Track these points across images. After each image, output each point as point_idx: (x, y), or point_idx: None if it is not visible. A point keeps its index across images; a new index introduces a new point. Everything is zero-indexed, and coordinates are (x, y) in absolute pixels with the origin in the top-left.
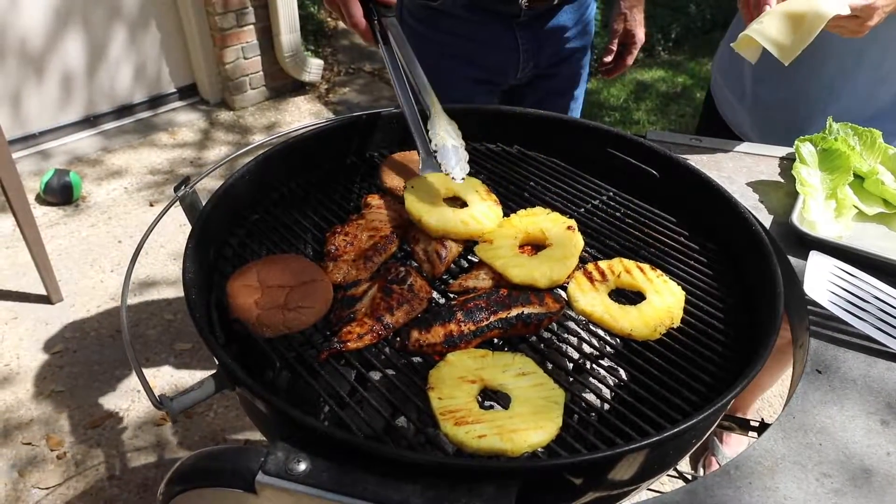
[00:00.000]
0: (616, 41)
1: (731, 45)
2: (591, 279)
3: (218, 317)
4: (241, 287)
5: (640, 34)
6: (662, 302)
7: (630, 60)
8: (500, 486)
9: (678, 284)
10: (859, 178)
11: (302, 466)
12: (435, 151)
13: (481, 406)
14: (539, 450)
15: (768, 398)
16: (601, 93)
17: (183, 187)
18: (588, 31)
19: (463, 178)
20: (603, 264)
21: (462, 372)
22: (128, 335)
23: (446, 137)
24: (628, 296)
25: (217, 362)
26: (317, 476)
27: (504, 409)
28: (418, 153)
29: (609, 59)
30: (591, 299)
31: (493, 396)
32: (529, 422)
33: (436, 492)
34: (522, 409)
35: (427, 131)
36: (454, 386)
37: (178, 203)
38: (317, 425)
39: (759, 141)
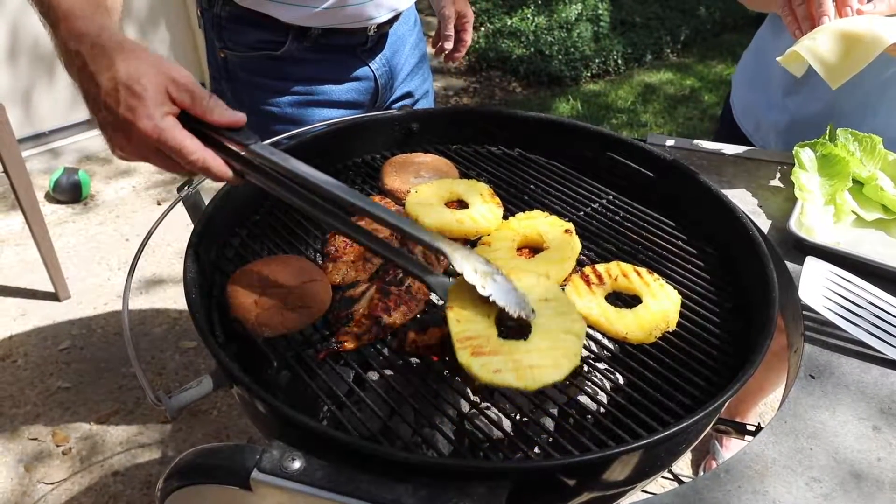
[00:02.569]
0: (451, 25)
1: (778, 59)
2: (587, 282)
3: (218, 316)
4: (241, 287)
5: (470, 12)
6: (658, 306)
7: (468, 37)
8: (490, 487)
9: (675, 288)
10: (858, 184)
11: (296, 464)
12: (490, 296)
13: (499, 332)
14: (534, 450)
15: (771, 403)
16: (608, 95)
17: (186, 187)
18: (422, 40)
19: (534, 311)
20: (600, 267)
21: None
22: (129, 331)
23: (489, 272)
24: (625, 299)
25: (215, 360)
26: (311, 474)
27: (522, 340)
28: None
29: (449, 44)
30: (587, 302)
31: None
32: (547, 357)
33: (427, 491)
34: (541, 343)
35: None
36: (474, 307)
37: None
38: (311, 424)
39: None
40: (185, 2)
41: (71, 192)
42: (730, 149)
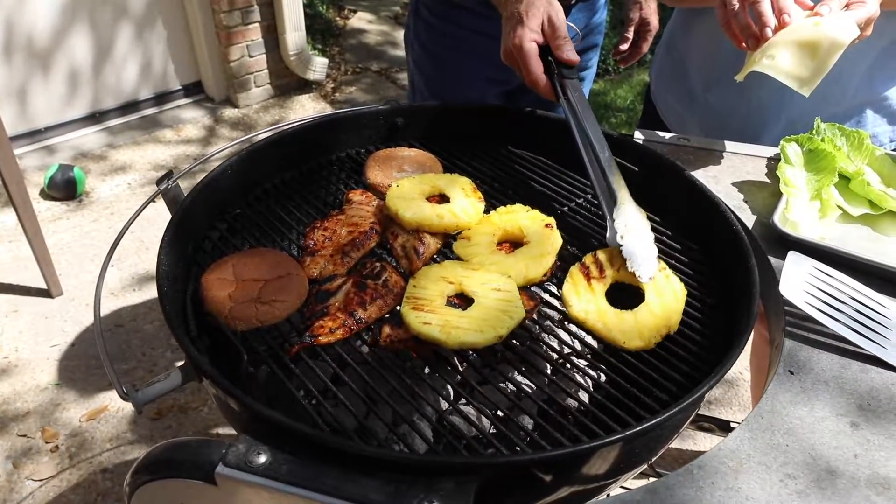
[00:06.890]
0: (632, 29)
1: (735, 77)
2: (587, 276)
3: (193, 310)
4: (216, 280)
5: (655, 21)
6: (662, 308)
7: (645, 48)
8: (459, 482)
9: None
10: (845, 179)
11: (262, 459)
12: (621, 245)
13: (448, 304)
14: (502, 450)
15: None
16: (608, 94)
17: (165, 181)
18: (598, 32)
19: (651, 277)
20: (601, 255)
21: (448, 274)
22: (100, 325)
23: (634, 232)
24: (629, 291)
25: (184, 354)
26: (276, 468)
27: (462, 310)
28: (608, 224)
29: (625, 46)
30: (585, 304)
31: (466, 300)
32: (474, 324)
33: (395, 486)
34: (476, 313)
35: (613, 219)
36: (434, 281)
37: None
38: (275, 417)
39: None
40: (182, 1)
41: (66, 189)
42: (717, 144)
